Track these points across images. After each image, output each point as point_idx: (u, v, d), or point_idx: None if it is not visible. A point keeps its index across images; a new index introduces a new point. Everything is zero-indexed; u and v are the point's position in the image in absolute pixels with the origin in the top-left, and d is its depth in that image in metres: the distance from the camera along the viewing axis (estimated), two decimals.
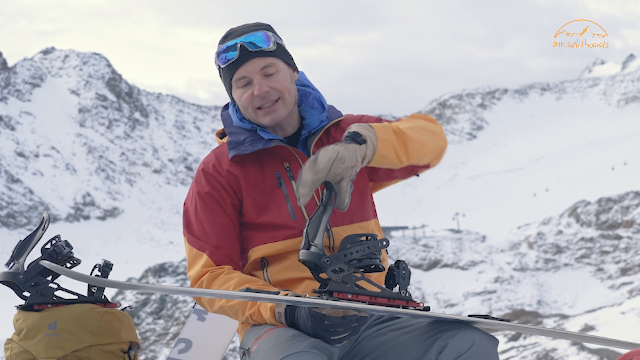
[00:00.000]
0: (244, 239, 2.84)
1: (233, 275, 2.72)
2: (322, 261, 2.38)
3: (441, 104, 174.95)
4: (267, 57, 2.79)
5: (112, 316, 3.14)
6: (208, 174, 2.84)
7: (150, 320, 53.14)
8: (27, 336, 3.08)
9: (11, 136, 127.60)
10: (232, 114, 2.92)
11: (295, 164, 2.83)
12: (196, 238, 2.80)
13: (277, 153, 2.83)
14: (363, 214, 2.85)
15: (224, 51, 2.81)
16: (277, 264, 2.79)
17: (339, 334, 2.48)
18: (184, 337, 3.67)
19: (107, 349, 3.11)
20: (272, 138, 2.82)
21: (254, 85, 2.79)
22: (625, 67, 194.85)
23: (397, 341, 2.60)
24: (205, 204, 2.82)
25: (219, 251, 2.78)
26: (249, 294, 2.41)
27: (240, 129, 2.88)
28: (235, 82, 2.82)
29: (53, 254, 3.13)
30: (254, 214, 2.81)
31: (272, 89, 2.79)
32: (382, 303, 2.42)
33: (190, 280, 2.79)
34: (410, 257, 64.50)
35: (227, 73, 2.83)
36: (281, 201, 2.80)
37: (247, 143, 2.82)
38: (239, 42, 2.79)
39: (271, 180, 2.82)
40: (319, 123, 2.87)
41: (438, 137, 2.83)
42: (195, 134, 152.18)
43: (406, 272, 2.47)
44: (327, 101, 2.98)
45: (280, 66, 2.82)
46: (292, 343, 2.47)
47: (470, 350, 2.45)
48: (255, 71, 2.79)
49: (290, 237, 2.76)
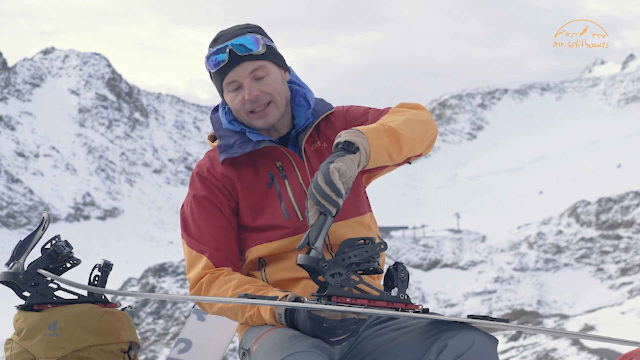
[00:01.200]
0: (241, 240, 2.85)
1: (232, 277, 2.73)
2: (320, 265, 2.38)
3: (441, 104, 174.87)
4: (257, 60, 2.78)
5: (112, 316, 3.15)
6: (203, 177, 2.85)
7: (150, 320, 53.12)
8: (27, 336, 3.08)
9: (11, 136, 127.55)
10: (222, 116, 2.91)
11: (287, 163, 2.83)
12: (195, 241, 2.81)
13: (268, 153, 2.84)
14: (358, 209, 2.85)
15: (214, 54, 2.80)
16: (275, 264, 2.79)
17: (338, 335, 2.49)
18: (184, 337, 3.67)
19: (107, 349, 3.11)
20: (261, 139, 2.82)
21: (245, 90, 2.78)
22: (625, 67, 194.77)
23: (397, 341, 2.60)
24: (202, 207, 2.82)
25: (218, 253, 2.78)
26: (248, 301, 2.41)
27: (229, 131, 2.88)
28: (226, 86, 2.81)
29: (53, 254, 3.13)
30: (250, 216, 2.81)
31: (263, 93, 2.79)
32: (380, 306, 2.42)
33: (190, 282, 2.79)
34: (410, 257, 64.48)
35: (218, 77, 2.82)
36: (275, 201, 2.80)
37: (236, 146, 2.82)
38: (228, 45, 2.78)
39: (265, 181, 2.82)
40: (305, 121, 2.87)
41: (429, 126, 2.81)
42: (195, 134, 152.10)
43: (404, 275, 2.47)
44: (325, 99, 2.98)
45: (270, 69, 2.81)
46: (292, 343, 2.47)
47: (470, 350, 2.45)
48: (245, 75, 2.78)
49: (284, 237, 2.77)
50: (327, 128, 2.91)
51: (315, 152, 2.86)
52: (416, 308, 2.46)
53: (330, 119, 2.93)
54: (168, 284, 58.11)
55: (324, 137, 2.89)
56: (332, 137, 2.87)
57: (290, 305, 2.42)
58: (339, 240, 2.75)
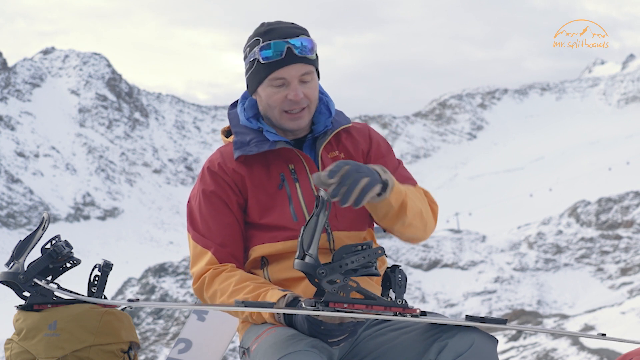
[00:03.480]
0: (246, 237, 2.86)
1: (235, 273, 2.74)
2: (317, 272, 2.38)
3: (441, 104, 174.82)
4: (309, 64, 2.81)
5: (112, 316, 3.14)
6: (213, 172, 2.85)
7: (150, 320, 53.12)
8: (27, 336, 3.08)
9: (11, 136, 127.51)
10: (240, 113, 2.91)
11: (300, 166, 2.84)
12: (201, 235, 2.82)
13: (282, 155, 2.84)
14: (361, 224, 2.87)
15: (268, 47, 2.79)
16: (277, 263, 2.81)
17: (336, 337, 2.50)
18: (184, 337, 3.67)
19: (107, 349, 3.11)
20: (277, 140, 2.82)
21: (291, 90, 2.79)
22: (625, 67, 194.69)
23: (396, 341, 2.61)
24: (210, 202, 2.83)
25: (223, 249, 2.80)
26: (245, 309, 2.41)
27: (246, 128, 2.88)
28: (271, 80, 2.80)
29: (53, 254, 3.12)
30: (257, 214, 2.82)
31: (305, 97, 2.81)
32: (377, 310, 2.42)
33: (193, 277, 2.81)
34: (410, 257, 64.45)
35: (264, 69, 2.80)
36: (284, 203, 2.81)
37: (252, 144, 2.83)
38: (288, 43, 2.78)
39: (276, 182, 2.83)
40: (324, 127, 2.88)
41: (423, 231, 2.85)
42: (195, 134, 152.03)
43: (402, 279, 2.47)
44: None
45: (314, 76, 2.85)
46: (291, 342, 2.48)
47: (469, 350, 2.46)
48: (295, 76, 2.79)
49: (290, 239, 2.78)
50: (348, 140, 2.93)
51: (332, 160, 2.87)
52: (413, 312, 2.46)
53: (351, 133, 2.96)
54: (168, 284, 58.10)
55: (343, 147, 2.91)
56: (352, 150, 2.91)
57: (288, 311, 2.45)
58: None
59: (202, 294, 2.79)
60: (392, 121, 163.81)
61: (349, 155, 2.90)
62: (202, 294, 2.79)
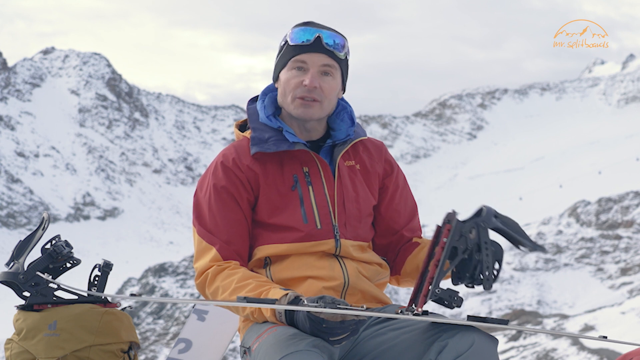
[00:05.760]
0: (252, 236, 2.85)
1: (237, 271, 2.73)
2: None
3: (441, 104, 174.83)
4: (334, 60, 2.83)
5: (112, 316, 3.14)
6: (227, 167, 2.83)
7: (150, 320, 53.14)
8: (27, 336, 3.08)
9: (11, 136, 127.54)
10: (260, 109, 2.91)
11: (315, 170, 2.84)
12: (207, 231, 2.81)
13: (297, 156, 2.84)
14: (366, 235, 2.90)
15: (301, 32, 2.83)
16: (279, 263, 2.81)
17: (338, 335, 2.49)
18: (184, 337, 3.67)
19: (107, 349, 3.11)
20: (296, 141, 2.82)
21: (308, 76, 2.80)
22: (625, 67, 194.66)
23: (396, 341, 2.61)
24: (220, 198, 2.81)
25: (228, 246, 2.79)
26: (248, 304, 2.42)
27: (265, 126, 2.87)
28: (293, 62, 2.82)
29: (53, 254, 3.12)
30: (267, 213, 2.82)
31: (320, 89, 2.81)
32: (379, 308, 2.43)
33: (196, 272, 2.81)
34: None
35: (290, 51, 2.83)
36: (295, 204, 2.81)
37: (271, 142, 2.82)
38: (320, 32, 2.82)
39: (289, 182, 2.83)
40: (346, 136, 2.89)
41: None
42: (195, 134, 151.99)
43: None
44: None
45: (337, 76, 2.86)
46: (292, 342, 2.48)
47: (469, 350, 2.46)
48: (317, 64, 2.81)
49: (297, 241, 2.78)
50: (365, 153, 2.95)
51: (348, 169, 2.89)
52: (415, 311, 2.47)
53: (367, 146, 2.98)
54: (168, 284, 58.13)
55: (360, 159, 2.93)
56: (366, 162, 2.93)
57: (290, 308, 2.45)
58: (348, 254, 2.82)
59: (204, 290, 2.79)
60: (392, 121, 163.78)
61: (364, 167, 2.92)
62: (204, 289, 2.79)
